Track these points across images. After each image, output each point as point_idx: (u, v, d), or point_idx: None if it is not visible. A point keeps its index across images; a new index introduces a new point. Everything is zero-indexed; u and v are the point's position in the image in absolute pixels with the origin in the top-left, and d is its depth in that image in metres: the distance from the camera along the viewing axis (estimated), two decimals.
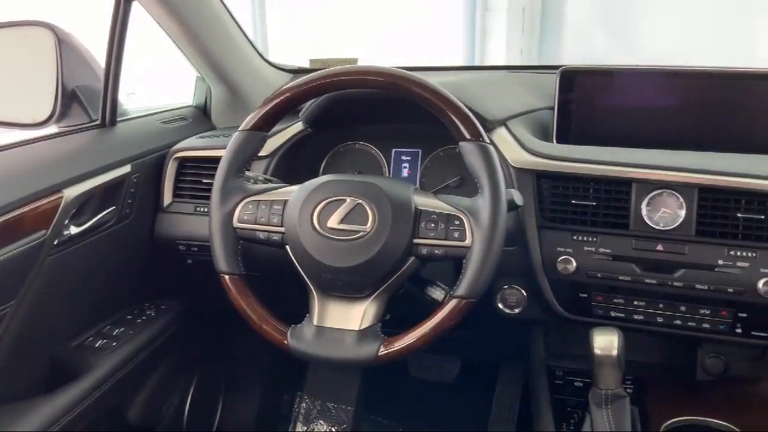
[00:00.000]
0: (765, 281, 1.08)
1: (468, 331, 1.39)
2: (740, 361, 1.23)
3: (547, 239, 1.20)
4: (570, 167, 1.19)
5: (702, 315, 1.15)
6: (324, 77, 1.06)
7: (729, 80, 1.26)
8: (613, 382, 1.07)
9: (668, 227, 1.14)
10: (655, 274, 1.15)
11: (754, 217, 1.11)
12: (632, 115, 1.31)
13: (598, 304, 1.20)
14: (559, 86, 1.33)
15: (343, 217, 1.02)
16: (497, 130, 1.26)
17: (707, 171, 1.13)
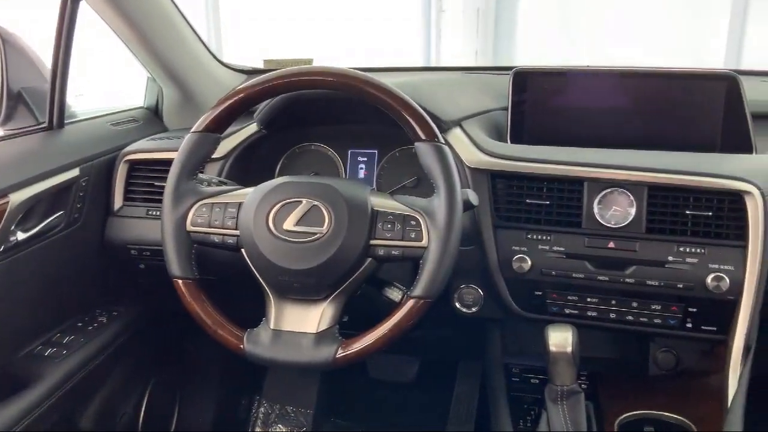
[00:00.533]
0: (713, 276, 1.11)
1: (426, 331, 1.40)
2: (691, 355, 1.26)
3: (502, 238, 1.21)
4: (524, 167, 1.21)
5: (653, 310, 1.17)
6: (278, 78, 1.05)
7: (676, 80, 1.29)
8: (568, 378, 1.09)
9: (619, 225, 1.17)
10: (607, 271, 1.17)
11: (702, 213, 1.14)
12: (584, 115, 1.34)
13: (553, 302, 1.22)
14: (512, 87, 1.34)
15: (299, 219, 1.01)
16: (452, 130, 1.27)
17: (656, 170, 1.15)
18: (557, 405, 1.10)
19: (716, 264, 1.12)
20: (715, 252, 1.13)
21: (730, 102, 1.25)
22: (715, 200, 1.14)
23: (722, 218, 1.13)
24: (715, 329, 1.16)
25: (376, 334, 1.00)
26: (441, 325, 1.42)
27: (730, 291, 1.11)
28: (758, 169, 1.15)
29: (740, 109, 1.24)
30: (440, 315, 1.26)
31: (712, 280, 1.11)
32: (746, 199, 1.11)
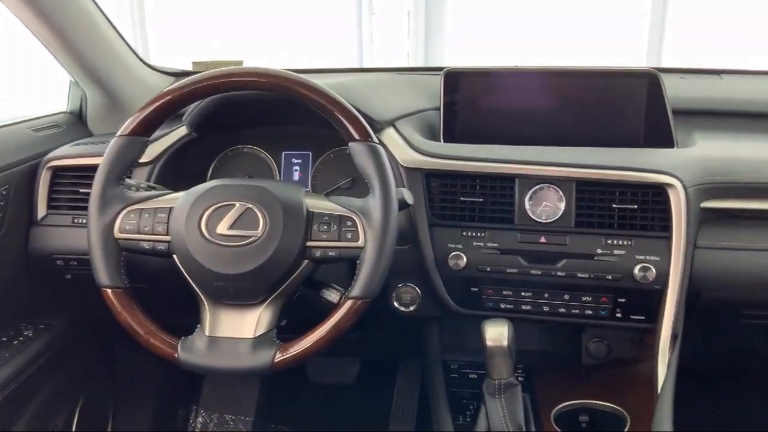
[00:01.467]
0: (640, 267, 1.16)
1: (365, 331, 1.40)
2: (622, 344, 1.30)
3: (438, 236, 1.22)
4: (457, 165, 1.22)
5: (584, 302, 1.21)
6: (207, 79, 1.03)
7: (600, 78, 1.33)
8: (505, 371, 1.11)
9: (550, 220, 1.20)
10: (539, 265, 1.20)
11: (628, 207, 1.18)
12: (514, 114, 1.36)
13: (489, 297, 1.23)
14: (444, 87, 1.36)
15: (233, 222, 1.00)
16: (386, 130, 1.27)
17: (583, 165, 1.19)
18: (495, 398, 1.11)
19: (643, 255, 1.16)
20: (641, 243, 1.17)
21: (651, 98, 1.29)
22: (640, 193, 1.18)
23: (647, 210, 1.17)
24: (643, 318, 1.20)
25: (314, 337, 0.99)
26: (380, 325, 1.42)
27: (656, 280, 1.15)
28: (679, 163, 1.19)
29: (661, 105, 1.28)
30: (379, 315, 1.26)
31: (639, 270, 1.15)
32: (669, 191, 1.16)
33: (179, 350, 1.00)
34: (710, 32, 4.16)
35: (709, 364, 1.60)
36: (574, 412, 1.26)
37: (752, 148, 1.33)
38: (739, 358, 1.55)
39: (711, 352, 1.48)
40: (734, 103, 1.50)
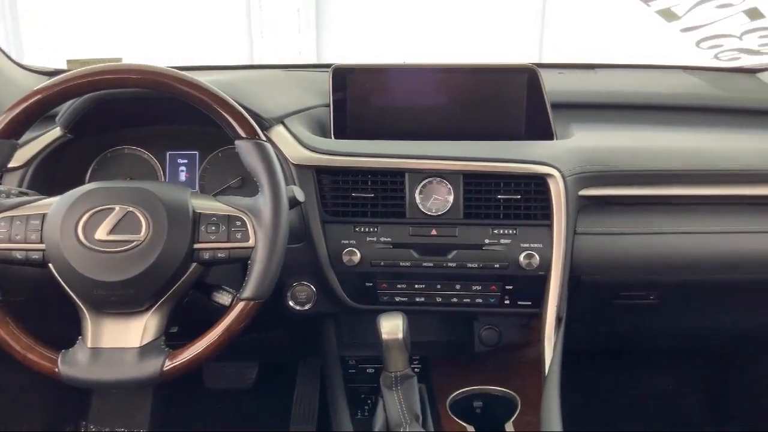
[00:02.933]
0: (525, 255, 1.20)
1: (262, 333, 1.37)
2: (511, 330, 1.35)
3: (331, 233, 1.22)
4: (348, 161, 1.22)
5: (475, 291, 1.24)
6: (79, 76, 0.98)
7: (483, 74, 1.37)
8: (401, 363, 1.12)
9: (440, 212, 1.22)
10: (431, 257, 1.22)
11: (512, 197, 1.22)
12: (403, 109, 1.38)
13: (384, 291, 1.25)
14: (332, 84, 1.35)
15: (113, 227, 0.95)
16: (275, 128, 1.26)
17: (469, 158, 1.22)
18: (392, 391, 1.13)
19: (527, 243, 1.21)
20: (525, 232, 1.22)
21: (531, 93, 1.34)
22: (522, 184, 1.22)
23: (530, 200, 1.23)
24: (530, 303, 1.25)
25: (204, 342, 0.97)
26: (276, 325, 1.40)
27: (540, 267, 1.20)
28: (558, 154, 1.25)
29: (540, 99, 1.34)
30: (274, 315, 1.24)
31: (524, 258, 1.20)
32: (549, 181, 1.21)
33: (59, 364, 0.95)
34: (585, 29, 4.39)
35: (592, 344, 1.69)
36: (468, 398, 1.29)
37: (625, 138, 1.41)
38: (619, 337, 1.65)
39: (593, 333, 1.56)
40: (608, 96, 1.58)
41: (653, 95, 1.58)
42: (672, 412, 2.01)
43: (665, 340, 1.69)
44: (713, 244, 1.28)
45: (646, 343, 1.75)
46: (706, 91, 1.61)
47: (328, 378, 1.34)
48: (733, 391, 1.99)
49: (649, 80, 1.69)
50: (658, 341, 1.71)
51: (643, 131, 1.45)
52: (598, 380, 1.94)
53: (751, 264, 1.30)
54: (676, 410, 2.02)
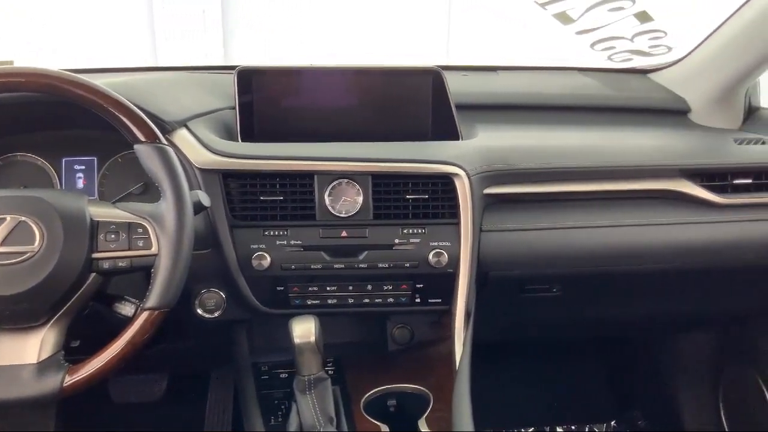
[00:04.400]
0: (434, 253, 1.22)
1: (170, 343, 1.33)
2: (423, 328, 1.38)
3: (239, 238, 1.20)
4: (255, 164, 1.21)
5: (386, 291, 1.25)
6: None
7: (389, 76, 1.38)
8: (315, 367, 1.12)
9: (350, 214, 1.22)
10: (342, 258, 1.22)
11: (420, 197, 1.24)
12: (311, 111, 1.37)
13: (296, 295, 1.24)
14: (237, 86, 1.33)
15: (4, 238, 0.90)
16: (178, 131, 1.22)
17: (377, 159, 1.23)
18: (306, 395, 1.12)
19: (435, 242, 1.23)
20: (434, 231, 1.24)
21: (436, 94, 1.37)
22: (430, 184, 1.24)
23: (437, 199, 1.25)
24: (440, 301, 1.27)
25: (107, 355, 0.93)
26: (185, 335, 1.36)
27: (449, 264, 1.23)
28: (464, 154, 1.28)
29: (445, 100, 1.36)
30: (182, 324, 1.21)
31: (433, 256, 1.22)
32: (455, 180, 1.24)
33: None
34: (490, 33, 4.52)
35: (501, 337, 1.74)
36: (382, 397, 1.30)
37: (526, 137, 1.46)
38: (526, 329, 1.71)
39: (502, 326, 1.61)
40: (510, 97, 1.64)
41: (552, 96, 1.65)
42: (578, 401, 2.10)
43: (570, 330, 1.76)
44: (609, 237, 1.34)
45: (552, 334, 1.82)
46: (600, 92, 1.69)
47: (241, 386, 1.31)
48: (635, 378, 2.10)
49: (548, 81, 1.76)
50: (563, 332, 1.78)
51: (543, 131, 1.51)
52: (508, 372, 2.00)
53: (645, 255, 1.37)
54: (582, 399, 2.11)
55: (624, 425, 2.06)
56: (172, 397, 1.82)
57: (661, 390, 1.97)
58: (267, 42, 5.02)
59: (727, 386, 1.80)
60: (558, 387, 2.08)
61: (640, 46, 3.16)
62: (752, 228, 1.39)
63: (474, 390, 1.22)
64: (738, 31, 1.49)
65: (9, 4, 4.58)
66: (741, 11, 1.47)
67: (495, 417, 2.00)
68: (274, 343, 1.35)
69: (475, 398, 1.20)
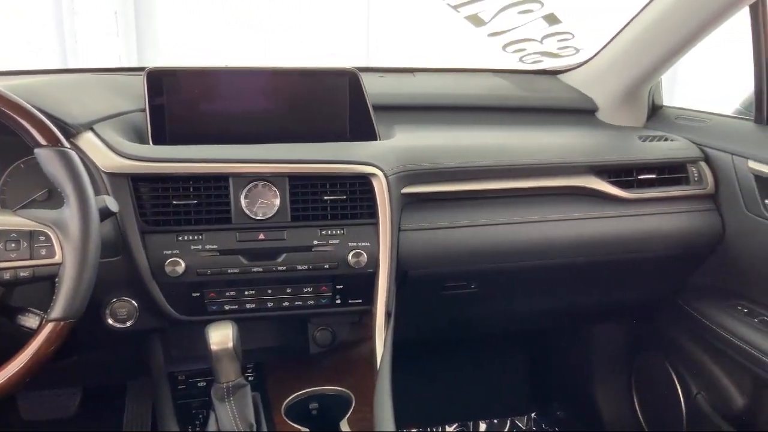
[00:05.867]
0: (353, 253, 1.22)
1: (83, 355, 1.28)
2: (344, 329, 1.37)
3: (151, 244, 1.16)
4: (166, 168, 1.17)
5: (306, 293, 1.24)
6: None
7: (306, 77, 1.38)
8: (233, 373, 1.09)
9: (267, 216, 1.21)
10: (260, 262, 1.20)
11: (339, 198, 1.24)
12: (226, 113, 1.35)
13: (212, 301, 1.21)
14: (147, 88, 1.29)
15: None
16: (83, 134, 1.17)
17: (294, 161, 1.22)
18: (224, 402, 1.09)
19: (355, 242, 1.23)
20: (353, 231, 1.24)
21: (353, 95, 1.37)
22: (348, 184, 1.24)
23: (355, 200, 1.25)
24: (360, 301, 1.27)
25: (10, 370, 0.89)
26: (97, 346, 1.31)
27: (368, 264, 1.23)
28: (381, 154, 1.29)
29: (362, 101, 1.37)
30: (93, 335, 1.16)
31: (353, 256, 1.22)
32: (373, 181, 1.24)
33: None
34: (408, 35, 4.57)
35: (422, 336, 1.76)
36: (304, 401, 1.29)
37: (442, 137, 1.48)
38: (447, 327, 1.73)
39: (423, 325, 1.63)
40: (426, 98, 1.66)
41: (467, 97, 1.69)
42: (500, 395, 2.15)
43: (489, 326, 1.80)
44: (524, 233, 1.38)
45: (472, 331, 1.85)
46: (513, 92, 1.74)
47: (156, 396, 1.27)
48: (554, 370, 2.16)
49: (463, 83, 1.80)
50: (483, 328, 1.82)
51: (458, 131, 1.54)
52: (430, 370, 2.02)
53: (558, 249, 1.42)
54: (504, 393, 2.16)
55: (543, 417, 2.12)
56: (87, 411, 1.75)
57: (577, 380, 2.04)
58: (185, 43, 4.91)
59: (639, 373, 1.88)
60: (480, 382, 2.12)
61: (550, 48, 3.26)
62: (657, 221, 1.46)
63: (397, 389, 1.22)
64: (640, 33, 1.56)
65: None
66: (642, 14, 1.54)
67: (419, 415, 2.02)
68: (192, 352, 1.32)
69: (397, 397, 1.20)
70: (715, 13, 1.41)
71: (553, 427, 2.10)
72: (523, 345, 2.15)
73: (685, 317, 1.58)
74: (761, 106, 1.47)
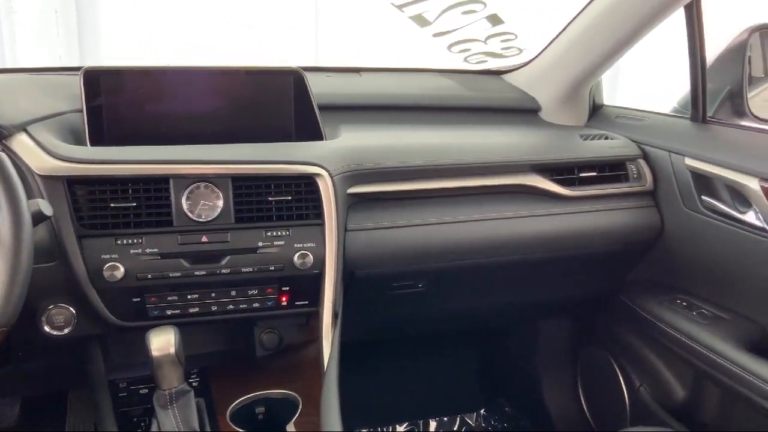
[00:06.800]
0: (299, 255, 1.21)
1: (19, 365, 1.24)
2: (291, 331, 1.36)
3: (89, 248, 1.13)
4: (103, 169, 1.14)
5: (251, 296, 1.22)
6: None
7: (250, 76, 1.36)
8: (176, 380, 1.07)
9: (209, 218, 1.18)
10: (203, 265, 1.18)
11: (284, 198, 1.22)
12: (167, 113, 1.32)
13: (153, 306, 1.18)
14: (84, 88, 1.25)
15: None
16: (16, 136, 1.13)
17: (237, 161, 1.20)
18: (167, 409, 1.07)
19: (300, 243, 1.22)
20: (298, 232, 1.23)
21: (298, 95, 1.36)
22: (293, 185, 1.23)
23: (301, 201, 1.24)
24: (307, 302, 1.26)
25: None
26: (35, 354, 1.27)
27: (314, 266, 1.22)
28: (326, 154, 1.28)
29: (308, 101, 1.36)
30: (29, 344, 1.13)
31: (298, 258, 1.21)
32: (318, 181, 1.23)
33: None
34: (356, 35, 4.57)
35: (370, 336, 1.76)
36: (250, 405, 1.27)
37: (387, 137, 1.48)
38: (395, 326, 1.74)
39: (370, 325, 1.63)
40: (372, 98, 1.66)
41: (412, 96, 1.69)
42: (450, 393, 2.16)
43: (437, 324, 1.81)
44: (469, 231, 1.39)
45: (420, 329, 1.86)
46: (458, 92, 1.75)
47: (96, 405, 1.24)
48: (502, 366, 2.19)
49: (409, 83, 1.80)
50: (431, 326, 1.83)
51: (404, 130, 1.54)
52: (380, 370, 2.03)
53: (503, 246, 1.44)
54: (453, 390, 2.18)
55: (492, 413, 2.15)
56: (26, 422, 1.69)
57: (524, 376, 2.07)
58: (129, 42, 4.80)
59: (584, 367, 1.92)
60: (429, 381, 2.13)
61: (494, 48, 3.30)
62: (598, 218, 1.49)
63: (345, 390, 1.21)
64: (579, 34, 1.59)
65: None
66: (581, 16, 1.57)
67: (369, 415, 2.02)
68: (133, 358, 1.28)
69: (346, 398, 1.20)
70: (652, 14, 1.44)
71: (502, 423, 2.12)
72: (471, 342, 2.17)
73: (627, 312, 1.62)
74: (697, 105, 1.51)
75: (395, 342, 1.99)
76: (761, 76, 1.61)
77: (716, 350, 1.34)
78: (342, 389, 1.20)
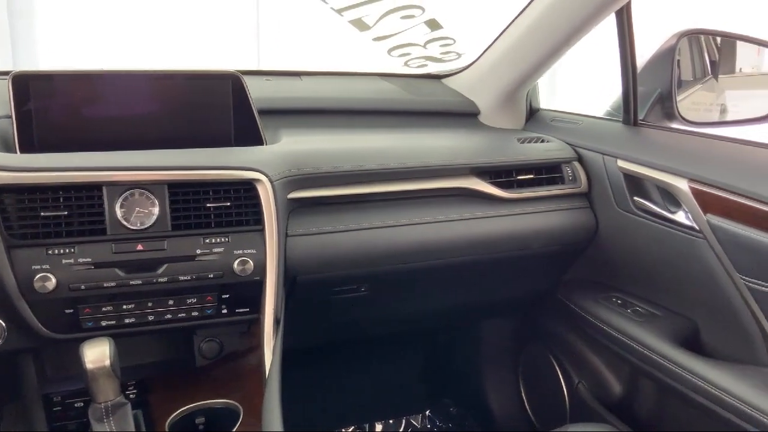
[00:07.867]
0: (239, 261, 1.20)
1: None
2: (232, 339, 1.34)
3: (18, 259, 1.09)
4: (33, 177, 1.10)
5: (190, 304, 1.20)
6: None
7: (187, 80, 1.34)
8: (111, 392, 1.04)
9: (145, 226, 1.16)
10: (139, 274, 1.15)
11: (222, 204, 1.21)
12: (100, 118, 1.28)
13: (88, 317, 1.14)
14: (13, 92, 1.21)
15: None
16: None
17: (172, 167, 1.18)
18: (103, 422, 1.04)
19: (240, 249, 1.20)
20: (238, 238, 1.21)
21: (237, 99, 1.34)
22: (232, 191, 1.21)
23: (240, 207, 1.22)
24: (248, 310, 1.25)
25: None
26: None
27: (255, 272, 1.21)
28: (265, 159, 1.27)
29: (247, 105, 1.34)
30: None
31: (238, 264, 1.19)
32: (258, 186, 1.22)
33: None
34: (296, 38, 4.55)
35: (313, 341, 1.75)
36: (189, 416, 1.25)
37: (328, 141, 1.48)
38: (338, 330, 1.73)
39: (313, 330, 1.62)
40: (313, 102, 1.66)
41: (354, 100, 1.70)
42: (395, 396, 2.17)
43: (381, 327, 1.81)
44: (411, 235, 1.40)
45: (363, 333, 1.86)
46: (399, 96, 1.76)
47: (29, 421, 1.19)
48: (446, 367, 2.21)
49: (350, 86, 1.81)
50: (375, 329, 1.83)
51: (345, 134, 1.54)
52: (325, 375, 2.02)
53: (444, 249, 1.45)
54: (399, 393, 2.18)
55: (437, 414, 2.17)
56: None
57: (468, 376, 2.10)
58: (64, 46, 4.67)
59: (525, 365, 1.96)
60: (374, 384, 2.13)
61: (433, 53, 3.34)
62: (535, 219, 1.53)
63: (288, 396, 1.20)
64: (515, 39, 1.62)
65: None
66: (516, 21, 1.61)
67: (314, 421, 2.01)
68: (67, 371, 1.25)
69: (289, 405, 1.19)
70: (584, 20, 1.48)
71: (447, 423, 2.14)
72: (415, 344, 2.19)
73: (565, 310, 1.66)
74: (628, 108, 1.56)
75: (339, 346, 1.99)
76: (690, 79, 1.68)
77: (650, 347, 1.38)
78: (285, 396, 1.19)
